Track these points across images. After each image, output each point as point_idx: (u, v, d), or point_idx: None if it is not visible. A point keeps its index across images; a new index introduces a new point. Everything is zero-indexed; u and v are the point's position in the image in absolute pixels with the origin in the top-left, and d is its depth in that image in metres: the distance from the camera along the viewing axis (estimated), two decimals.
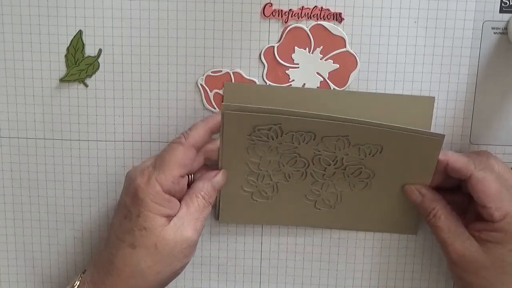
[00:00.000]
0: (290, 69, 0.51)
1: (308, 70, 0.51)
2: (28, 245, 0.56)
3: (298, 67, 0.51)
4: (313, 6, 0.50)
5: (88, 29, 0.51)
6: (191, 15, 0.51)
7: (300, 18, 0.50)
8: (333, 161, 0.51)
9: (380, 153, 0.50)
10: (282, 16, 0.50)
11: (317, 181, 0.52)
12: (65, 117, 0.53)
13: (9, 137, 0.53)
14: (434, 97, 0.52)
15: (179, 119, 0.53)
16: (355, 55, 0.51)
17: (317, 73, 0.51)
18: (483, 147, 0.53)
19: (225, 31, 0.51)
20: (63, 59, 0.52)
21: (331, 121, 0.48)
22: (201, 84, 0.52)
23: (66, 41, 0.51)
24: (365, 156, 0.50)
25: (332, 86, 0.52)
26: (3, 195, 0.55)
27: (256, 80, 0.52)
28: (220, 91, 0.52)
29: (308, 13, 0.50)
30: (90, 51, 0.51)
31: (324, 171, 0.51)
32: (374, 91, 0.52)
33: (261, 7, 0.50)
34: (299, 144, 0.50)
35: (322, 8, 0.50)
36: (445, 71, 0.51)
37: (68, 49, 0.51)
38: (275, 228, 0.55)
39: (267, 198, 0.53)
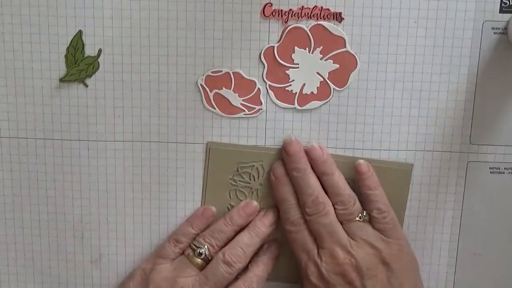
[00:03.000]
0: (290, 69, 0.51)
1: (308, 70, 0.51)
2: (28, 245, 0.56)
3: (298, 67, 0.51)
4: (313, 6, 0.50)
5: (88, 29, 0.51)
6: (191, 15, 0.51)
7: (300, 18, 0.50)
8: None
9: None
10: (282, 16, 0.50)
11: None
12: (65, 117, 0.53)
13: (9, 137, 0.53)
14: (412, 165, 0.52)
15: (179, 119, 0.53)
16: (355, 55, 0.51)
17: (317, 73, 0.51)
18: (483, 147, 0.53)
19: (225, 31, 0.51)
20: (63, 59, 0.52)
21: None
22: (201, 84, 0.52)
23: (66, 41, 0.51)
24: None
25: (332, 86, 0.52)
26: (3, 195, 0.55)
27: (256, 80, 0.52)
28: (220, 91, 0.52)
29: (308, 13, 0.50)
30: (90, 51, 0.51)
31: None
32: (374, 91, 0.52)
33: (261, 7, 0.50)
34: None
35: (322, 8, 0.50)
36: (445, 71, 0.51)
37: (68, 49, 0.51)
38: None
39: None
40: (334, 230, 0.49)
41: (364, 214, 0.50)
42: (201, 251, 0.51)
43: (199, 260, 0.51)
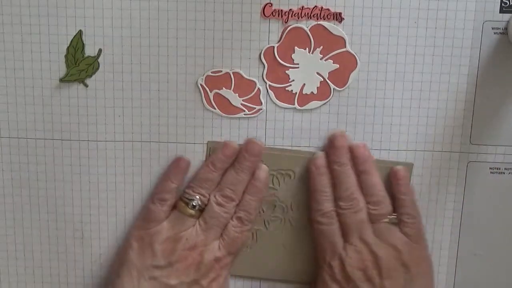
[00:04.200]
0: (290, 69, 0.51)
1: (308, 70, 0.51)
2: (28, 245, 0.56)
3: (298, 67, 0.51)
4: (313, 6, 0.50)
5: (88, 29, 0.51)
6: (191, 15, 0.51)
7: (300, 18, 0.50)
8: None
9: None
10: (282, 16, 0.50)
11: (296, 229, 0.54)
12: (65, 117, 0.53)
13: (9, 137, 0.53)
14: (412, 164, 0.53)
15: (179, 119, 0.53)
16: (355, 55, 0.51)
17: (317, 73, 0.51)
18: (483, 147, 0.53)
19: (225, 31, 0.51)
20: (63, 59, 0.52)
21: (310, 157, 0.52)
22: (201, 84, 0.52)
23: (66, 41, 0.51)
24: None
25: (332, 86, 0.52)
26: (3, 195, 0.55)
27: (256, 80, 0.52)
28: (220, 91, 0.52)
29: (308, 13, 0.50)
30: (90, 51, 0.51)
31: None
32: (374, 91, 0.52)
33: (261, 7, 0.50)
34: (279, 185, 0.52)
35: (322, 8, 0.50)
36: (445, 71, 0.51)
37: (68, 49, 0.51)
38: None
39: (246, 246, 0.54)
40: (363, 227, 0.50)
41: (394, 216, 0.51)
42: (194, 203, 0.51)
43: (193, 211, 0.51)
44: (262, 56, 0.51)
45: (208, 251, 0.51)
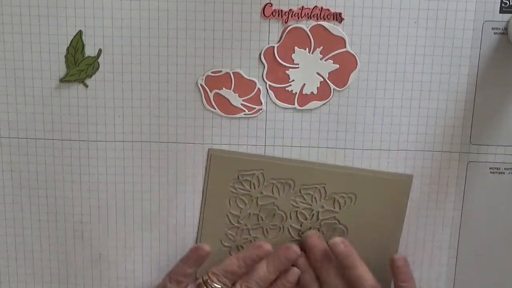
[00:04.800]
0: (290, 69, 0.51)
1: (308, 70, 0.51)
2: (28, 245, 0.56)
3: (298, 67, 0.51)
4: (313, 6, 0.50)
5: (88, 29, 0.51)
6: (191, 15, 0.51)
7: (300, 18, 0.50)
8: (309, 215, 0.53)
9: (354, 204, 0.53)
10: (282, 16, 0.50)
11: (293, 238, 0.54)
12: (65, 117, 0.53)
13: (9, 137, 0.53)
14: (412, 176, 0.53)
15: (179, 119, 0.53)
16: (355, 55, 0.51)
17: (317, 73, 0.51)
18: (483, 147, 0.53)
19: (225, 31, 0.51)
20: (63, 59, 0.52)
21: (309, 167, 0.52)
22: (201, 84, 0.52)
23: (66, 41, 0.51)
24: (340, 209, 0.53)
25: (332, 86, 0.52)
26: (3, 195, 0.55)
27: (256, 80, 0.52)
28: (220, 91, 0.52)
29: (308, 13, 0.50)
30: (90, 51, 0.51)
31: (300, 226, 0.54)
32: (374, 91, 0.52)
33: (261, 7, 0.50)
34: (278, 194, 0.53)
35: (322, 8, 0.50)
36: (445, 71, 0.51)
37: (68, 49, 0.51)
38: None
39: None
40: None
41: None
42: None
43: None
44: (262, 56, 0.51)
45: None
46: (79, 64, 0.51)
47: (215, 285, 0.52)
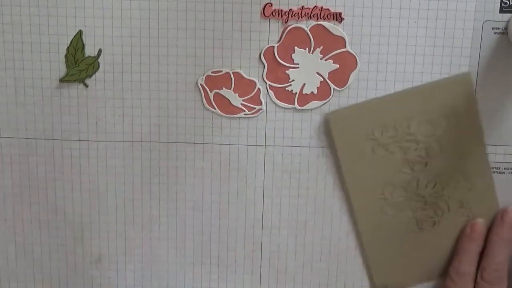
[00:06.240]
0: (290, 69, 0.51)
1: (308, 70, 0.51)
2: (28, 245, 0.56)
3: (298, 67, 0.51)
4: (313, 6, 0.50)
5: (88, 29, 0.51)
6: (191, 15, 0.51)
7: (300, 18, 0.50)
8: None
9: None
10: (282, 16, 0.50)
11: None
12: (65, 117, 0.53)
13: (9, 137, 0.53)
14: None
15: (179, 119, 0.53)
16: (355, 55, 0.51)
17: (317, 73, 0.51)
18: None
19: (225, 31, 0.51)
20: (63, 59, 0.52)
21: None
22: (201, 84, 0.52)
23: (66, 41, 0.51)
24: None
25: (332, 86, 0.52)
26: (3, 195, 0.55)
27: (256, 80, 0.52)
28: (220, 91, 0.52)
29: (308, 13, 0.50)
30: (90, 51, 0.51)
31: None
32: (374, 91, 0.52)
33: (261, 7, 0.50)
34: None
35: (322, 8, 0.50)
36: (445, 71, 0.51)
37: (68, 49, 0.51)
38: (275, 228, 0.55)
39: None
40: None
41: None
42: None
43: None
44: (262, 56, 0.51)
45: None
46: (79, 64, 0.51)
47: None
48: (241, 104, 0.52)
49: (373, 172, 0.52)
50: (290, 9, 0.50)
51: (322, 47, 0.51)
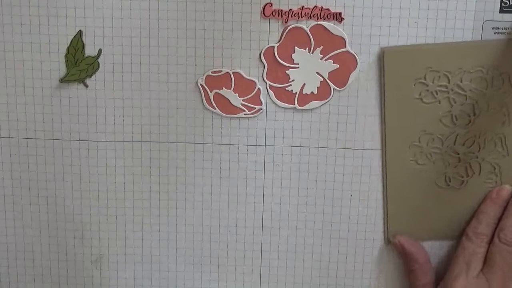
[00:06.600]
0: (290, 69, 0.51)
1: (308, 70, 0.51)
2: (28, 245, 0.56)
3: (298, 67, 0.51)
4: (313, 6, 0.50)
5: (88, 29, 0.51)
6: (191, 15, 0.51)
7: (300, 18, 0.50)
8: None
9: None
10: (282, 16, 0.50)
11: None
12: (65, 117, 0.53)
13: (9, 137, 0.53)
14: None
15: (179, 119, 0.53)
16: (355, 55, 0.51)
17: (317, 73, 0.51)
18: None
19: (225, 31, 0.51)
20: (63, 59, 0.52)
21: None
22: (201, 84, 0.52)
23: (66, 41, 0.51)
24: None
25: (332, 86, 0.52)
26: (3, 195, 0.55)
27: (256, 80, 0.52)
28: (220, 91, 0.52)
29: (308, 13, 0.50)
30: (90, 51, 0.51)
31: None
32: (374, 91, 0.52)
33: (261, 7, 0.50)
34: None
35: (322, 8, 0.50)
36: None
37: (68, 49, 0.51)
38: (275, 227, 0.55)
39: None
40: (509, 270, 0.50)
41: None
42: None
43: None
44: (262, 56, 0.51)
45: None
46: (79, 64, 0.51)
47: None
48: (241, 104, 0.52)
49: (414, 117, 0.51)
50: (290, 9, 0.50)
51: (322, 47, 0.51)
